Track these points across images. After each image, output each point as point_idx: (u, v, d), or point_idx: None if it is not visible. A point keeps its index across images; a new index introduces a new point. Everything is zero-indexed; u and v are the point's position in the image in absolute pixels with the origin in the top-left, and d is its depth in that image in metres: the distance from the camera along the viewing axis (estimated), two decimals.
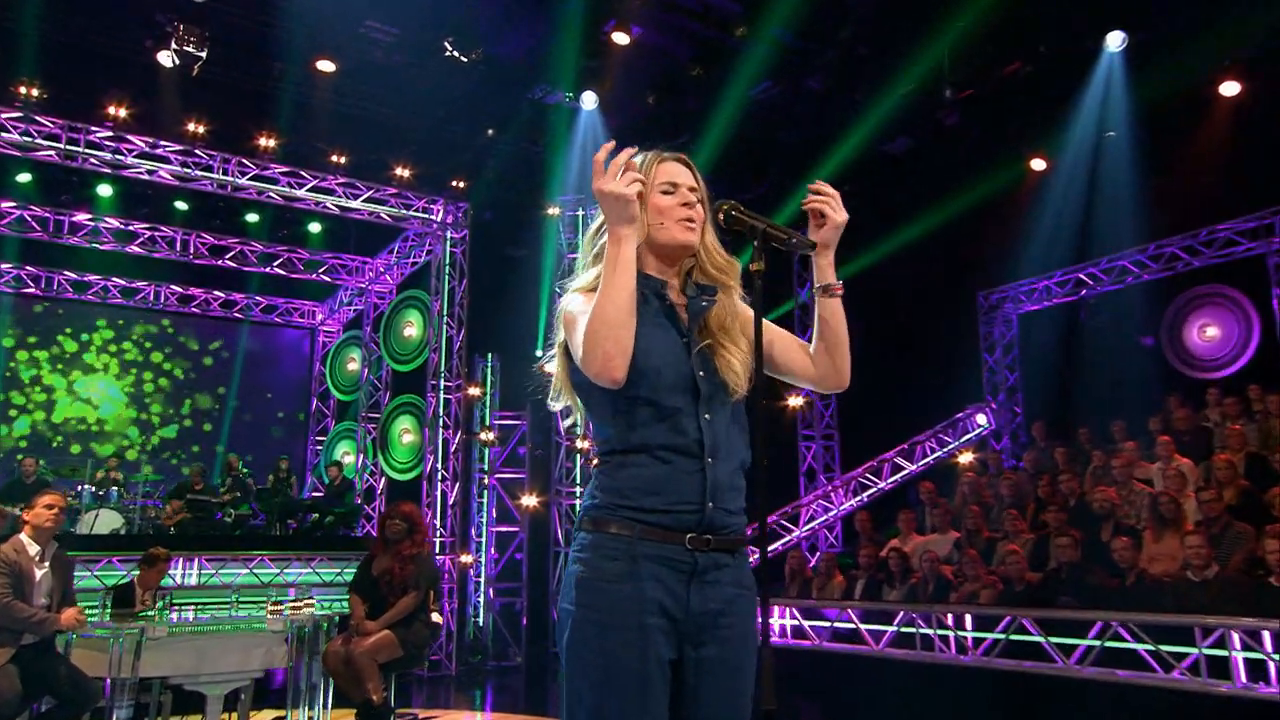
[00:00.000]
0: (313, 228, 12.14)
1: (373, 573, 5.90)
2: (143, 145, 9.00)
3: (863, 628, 7.19)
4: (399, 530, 5.90)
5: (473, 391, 10.98)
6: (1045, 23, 8.38)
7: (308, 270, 12.40)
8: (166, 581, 7.56)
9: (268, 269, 12.11)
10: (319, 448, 13.40)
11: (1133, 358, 9.92)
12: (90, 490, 9.49)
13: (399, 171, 10.36)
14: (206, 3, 8.09)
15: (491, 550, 11.10)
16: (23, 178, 10.13)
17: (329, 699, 5.82)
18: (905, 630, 6.89)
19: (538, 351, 8.23)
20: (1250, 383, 8.47)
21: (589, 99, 9.25)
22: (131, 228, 11.07)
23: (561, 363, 2.00)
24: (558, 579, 9.96)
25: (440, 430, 10.13)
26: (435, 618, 6.09)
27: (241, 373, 13.43)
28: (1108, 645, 5.77)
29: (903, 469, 10.47)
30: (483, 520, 11.22)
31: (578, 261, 2.10)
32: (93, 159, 8.89)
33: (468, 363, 10.66)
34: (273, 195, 9.77)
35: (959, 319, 11.47)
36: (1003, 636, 6.30)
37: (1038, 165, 9.88)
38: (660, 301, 1.99)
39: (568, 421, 2.11)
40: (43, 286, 12.05)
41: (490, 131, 10.07)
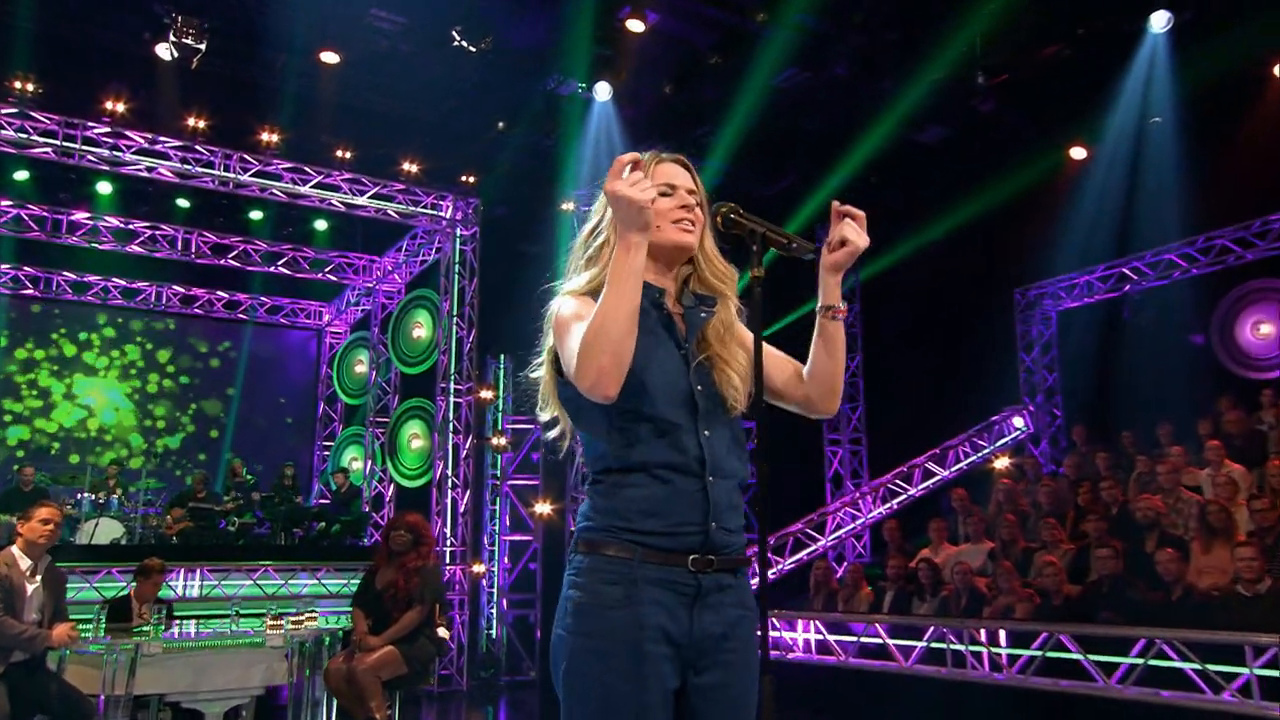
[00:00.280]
0: (318, 225, 12.21)
1: (376, 586, 5.91)
2: (141, 141, 9.06)
3: (891, 643, 7.12)
4: (404, 541, 5.91)
5: (484, 394, 10.98)
6: (1085, 2, 8.27)
7: (313, 269, 12.46)
8: (167, 593, 7.65)
9: (272, 268, 12.17)
10: (326, 453, 13.47)
11: (1180, 357, 9.78)
12: (90, 498, 9.57)
13: (406, 166, 10.39)
14: None
15: (504, 560, 11.10)
16: (19, 175, 10.25)
17: (332, 717, 5.84)
18: (935, 646, 6.83)
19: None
20: None
21: (602, 89, 9.22)
22: (132, 226, 11.15)
23: (550, 371, 1.97)
24: None
25: (450, 435, 10.14)
26: (441, 633, 6.08)
27: (246, 375, 13.51)
28: (1152, 664, 5.68)
29: (934, 475, 10.37)
30: (495, 529, 11.24)
31: (569, 263, 2.06)
32: (90, 156, 8.95)
33: (479, 364, 10.66)
34: (276, 192, 9.79)
35: (994, 317, 11.35)
36: (1039, 654, 6.22)
37: (1077, 154, 9.83)
38: (658, 311, 1.96)
39: (552, 433, 2.04)
40: (41, 288, 12.18)
41: (501, 124, 10.07)
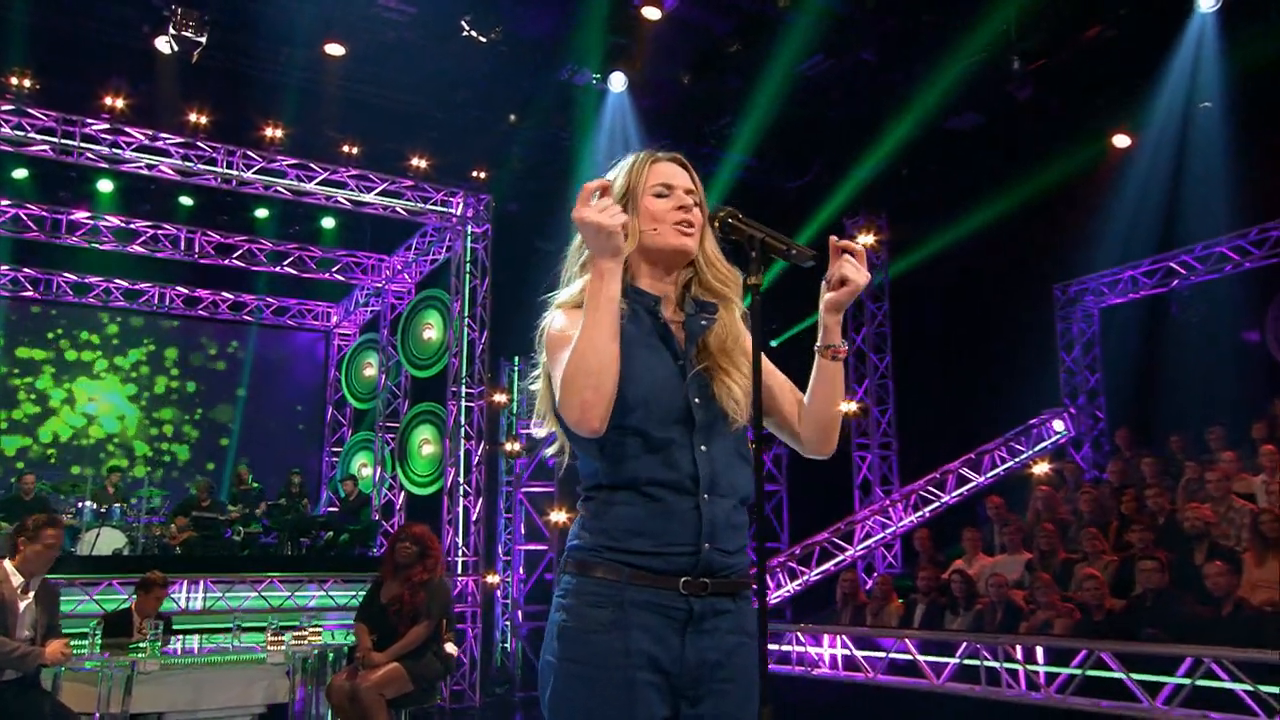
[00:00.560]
0: (326, 223, 12.27)
1: (381, 600, 5.93)
2: (142, 138, 9.13)
3: (921, 659, 7.07)
4: (410, 554, 5.91)
5: (497, 398, 11.00)
6: None
7: (320, 269, 12.53)
8: (170, 606, 7.71)
9: (278, 268, 12.25)
10: (335, 459, 13.53)
11: (1232, 355, 9.63)
12: (91, 507, 9.67)
13: (415, 162, 10.40)
14: None
15: (519, 570, 11.13)
16: (18, 174, 10.37)
17: None
18: (969, 663, 6.77)
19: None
20: None
21: (618, 80, 9.20)
22: (133, 226, 11.26)
23: (545, 386, 1.97)
24: None
25: (462, 441, 10.16)
26: (449, 649, 6.09)
27: (253, 379, 13.60)
28: (1200, 684, 5.60)
29: (969, 481, 10.28)
30: (509, 538, 11.25)
31: (564, 270, 2.05)
32: (89, 153, 9.03)
33: (491, 367, 10.67)
34: (280, 189, 9.85)
35: (1033, 314, 11.24)
36: (1079, 672, 6.15)
37: (1121, 142, 9.69)
38: (653, 319, 1.95)
39: (550, 450, 2.07)
40: (41, 290, 12.32)
41: (513, 117, 10.06)
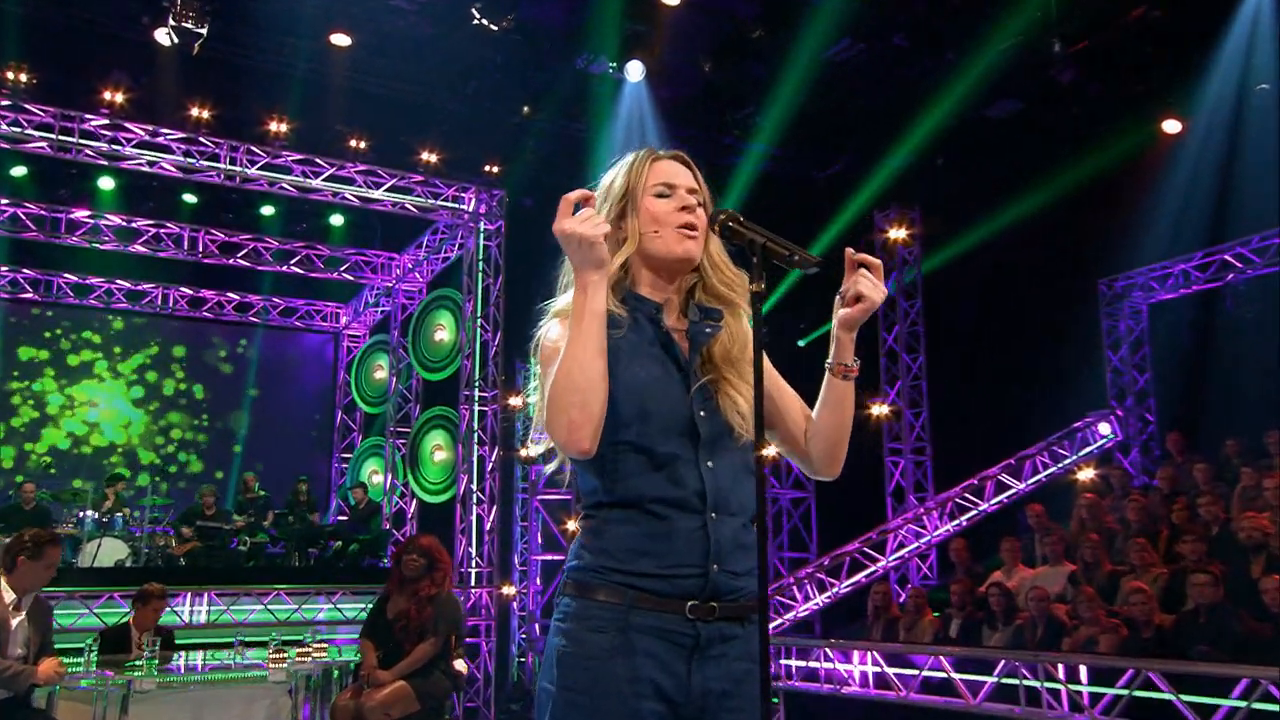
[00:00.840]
0: (334, 220, 12.34)
1: (387, 615, 5.93)
2: (142, 134, 9.20)
3: (957, 677, 6.99)
4: (417, 567, 5.92)
5: (512, 402, 10.97)
6: None
7: (329, 268, 12.58)
8: (172, 619, 7.75)
9: (285, 267, 12.31)
10: (344, 466, 13.58)
11: None
12: (93, 516, 9.75)
13: (425, 156, 10.44)
14: None
15: (536, 581, 11.13)
16: (16, 171, 10.47)
17: None
18: (1007, 681, 6.69)
19: None
20: None
21: (635, 69, 9.18)
22: (135, 225, 11.37)
23: (540, 399, 1.93)
24: None
25: (475, 446, 10.13)
26: (458, 666, 6.09)
27: (260, 382, 13.68)
28: (1256, 707, 5.50)
29: (1008, 488, 10.17)
30: (525, 548, 11.26)
31: (562, 275, 2.02)
32: (89, 150, 9.11)
33: (505, 370, 10.65)
34: (286, 186, 9.89)
35: (1077, 311, 11.17)
36: (1125, 692, 6.06)
37: (1170, 128, 9.62)
38: (654, 327, 1.92)
39: (550, 466, 2.04)
40: (41, 291, 12.44)
41: (526, 109, 10.09)
